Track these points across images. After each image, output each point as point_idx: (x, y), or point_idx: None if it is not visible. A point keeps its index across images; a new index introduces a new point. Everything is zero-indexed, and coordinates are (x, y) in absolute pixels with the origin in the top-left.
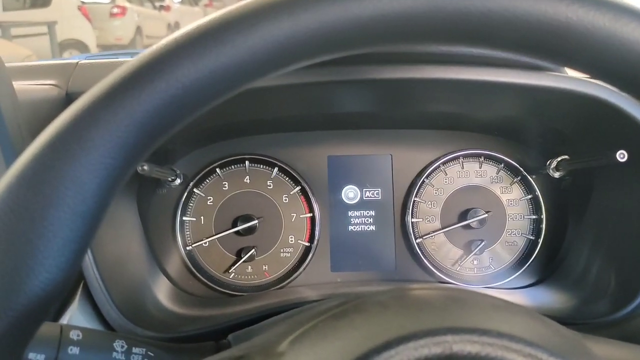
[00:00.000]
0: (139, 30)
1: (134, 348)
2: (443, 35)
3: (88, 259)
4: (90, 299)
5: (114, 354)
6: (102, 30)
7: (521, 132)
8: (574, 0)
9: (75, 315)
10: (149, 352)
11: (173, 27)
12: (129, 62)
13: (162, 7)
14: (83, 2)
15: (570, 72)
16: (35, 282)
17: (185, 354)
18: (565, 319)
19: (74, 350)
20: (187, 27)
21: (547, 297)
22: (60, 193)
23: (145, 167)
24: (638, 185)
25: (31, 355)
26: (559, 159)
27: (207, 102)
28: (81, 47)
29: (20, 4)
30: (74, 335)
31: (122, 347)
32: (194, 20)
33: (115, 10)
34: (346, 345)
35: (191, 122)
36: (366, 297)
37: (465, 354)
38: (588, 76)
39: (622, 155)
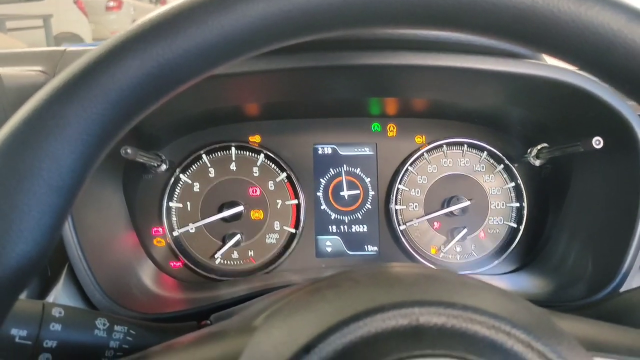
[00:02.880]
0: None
1: (115, 326)
2: (414, 17)
3: (72, 240)
4: (74, 280)
5: (96, 331)
6: (97, 24)
7: (502, 120)
8: None
9: (60, 296)
10: (131, 330)
11: None
12: (105, 42)
13: (158, 1)
14: None
15: (549, 60)
16: (11, 254)
17: (167, 333)
18: (543, 303)
19: (56, 327)
20: (162, 8)
21: (528, 283)
22: (35, 167)
23: (129, 151)
24: (613, 172)
25: (13, 331)
26: (539, 147)
27: (181, 81)
28: (77, 40)
29: None
30: (55, 312)
31: (104, 324)
32: None
33: (111, 4)
34: (317, 317)
35: (177, 109)
36: (339, 274)
37: (431, 326)
38: (564, 63)
39: (597, 142)
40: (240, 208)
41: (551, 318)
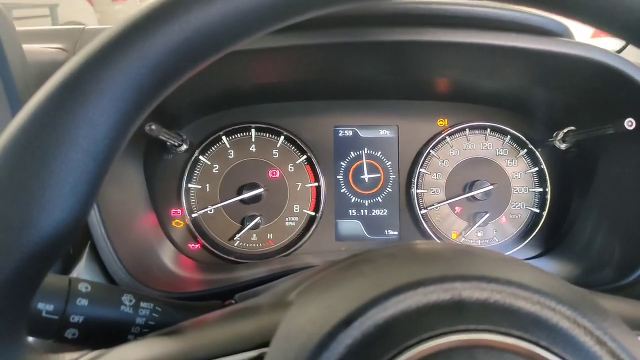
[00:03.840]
0: None
1: (141, 302)
2: None
3: (95, 218)
4: (97, 257)
5: (122, 307)
6: (103, 14)
7: (527, 103)
8: None
9: (82, 274)
10: (157, 307)
11: None
12: (143, 6)
13: None
14: None
15: (578, 38)
16: (47, 221)
17: (192, 311)
18: None
19: (83, 302)
20: None
21: (552, 268)
22: (72, 133)
23: (153, 127)
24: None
25: (40, 305)
26: (566, 130)
27: (218, 48)
28: None
29: None
30: (82, 287)
31: (130, 301)
32: None
33: None
34: (354, 292)
35: (199, 88)
36: (374, 249)
37: (474, 300)
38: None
39: (630, 123)
40: (259, 190)
41: (594, 296)
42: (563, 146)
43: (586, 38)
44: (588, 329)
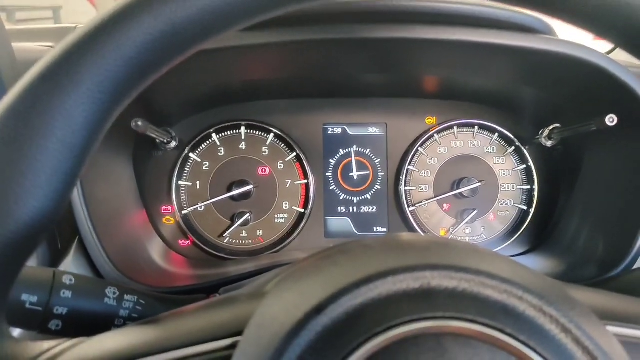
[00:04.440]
0: None
1: (125, 295)
2: None
3: (83, 213)
4: (84, 252)
5: (106, 299)
6: None
7: (514, 101)
8: None
9: (70, 268)
10: (141, 300)
11: None
12: (119, 1)
13: None
14: None
15: (562, 36)
16: (24, 210)
17: (176, 303)
18: None
19: (67, 294)
20: None
21: (538, 264)
22: (49, 124)
23: (140, 123)
24: (626, 151)
25: (24, 296)
26: (551, 127)
27: (195, 41)
28: None
29: None
30: (66, 279)
31: (114, 293)
32: None
33: None
34: (328, 280)
35: (188, 85)
36: (350, 242)
37: (442, 289)
38: (578, 40)
39: (611, 120)
40: (249, 187)
41: (564, 287)
42: (549, 143)
43: (588, 40)
44: (554, 317)
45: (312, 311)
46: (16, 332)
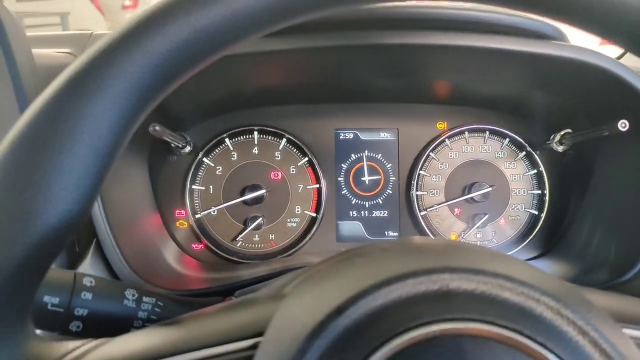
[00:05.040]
0: None
1: (144, 297)
2: None
3: (100, 216)
4: (102, 255)
5: (125, 301)
6: (113, 22)
7: (525, 106)
8: None
9: (87, 271)
10: (159, 302)
11: None
12: (144, 9)
13: None
14: None
15: (574, 42)
16: (52, 212)
17: (193, 306)
18: None
19: (87, 295)
20: None
21: (550, 269)
22: (77, 129)
23: (157, 128)
24: (637, 155)
25: (46, 298)
26: (562, 132)
27: (218, 48)
28: None
29: None
30: (87, 281)
31: (133, 295)
32: None
33: (128, 2)
34: (348, 282)
35: (202, 90)
36: (367, 245)
37: (461, 291)
38: (592, 45)
39: (623, 125)
40: (262, 191)
41: (580, 290)
42: (560, 148)
43: (594, 45)
44: (571, 319)
45: (332, 312)
46: (37, 332)
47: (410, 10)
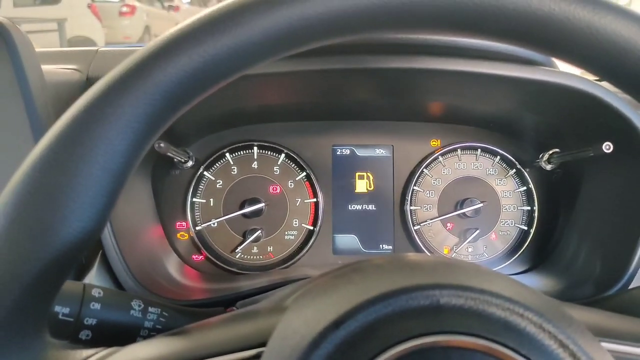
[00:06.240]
0: (147, 29)
1: (150, 307)
2: (442, 24)
3: (107, 230)
4: (107, 266)
5: (132, 311)
6: (111, 29)
7: (516, 126)
8: None
9: (94, 282)
10: (164, 312)
11: None
12: (156, 40)
13: (171, 7)
14: (93, 0)
15: (562, 67)
16: (69, 229)
17: (197, 316)
18: None
19: (96, 306)
20: (207, 10)
21: (538, 283)
22: (93, 152)
23: (162, 145)
24: (622, 176)
25: (57, 308)
26: (551, 152)
27: (225, 76)
28: (89, 44)
29: (30, 0)
30: (95, 292)
31: (139, 306)
32: None
33: (125, 9)
34: (344, 297)
35: (205, 108)
36: (364, 261)
37: (450, 307)
38: (578, 71)
39: (607, 147)
40: (261, 205)
41: (562, 305)
42: (548, 167)
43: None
44: (552, 333)
45: (330, 325)
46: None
47: (405, 36)
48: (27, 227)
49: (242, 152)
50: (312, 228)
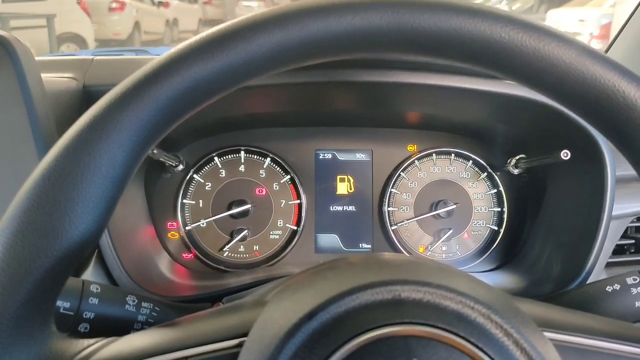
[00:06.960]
0: (137, 25)
1: (143, 303)
2: (404, 47)
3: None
4: (103, 264)
5: (127, 306)
6: (100, 25)
7: (486, 133)
8: (507, 23)
9: (90, 278)
10: (156, 307)
11: (171, 23)
12: (153, 61)
13: (160, 4)
14: None
15: None
16: (75, 231)
17: (186, 310)
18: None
19: (94, 300)
20: (199, 35)
21: (505, 280)
22: (96, 162)
23: (155, 151)
24: (581, 181)
25: (59, 302)
26: (517, 157)
27: (213, 94)
28: (79, 41)
29: None
30: (93, 288)
31: (134, 301)
32: (192, 18)
33: (114, 5)
34: (318, 292)
35: (195, 116)
36: (338, 259)
37: (410, 300)
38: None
39: (565, 155)
40: (247, 206)
41: (510, 298)
42: (516, 171)
43: None
44: (499, 323)
45: (305, 317)
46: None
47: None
48: (37, 229)
49: (229, 156)
50: (295, 228)
